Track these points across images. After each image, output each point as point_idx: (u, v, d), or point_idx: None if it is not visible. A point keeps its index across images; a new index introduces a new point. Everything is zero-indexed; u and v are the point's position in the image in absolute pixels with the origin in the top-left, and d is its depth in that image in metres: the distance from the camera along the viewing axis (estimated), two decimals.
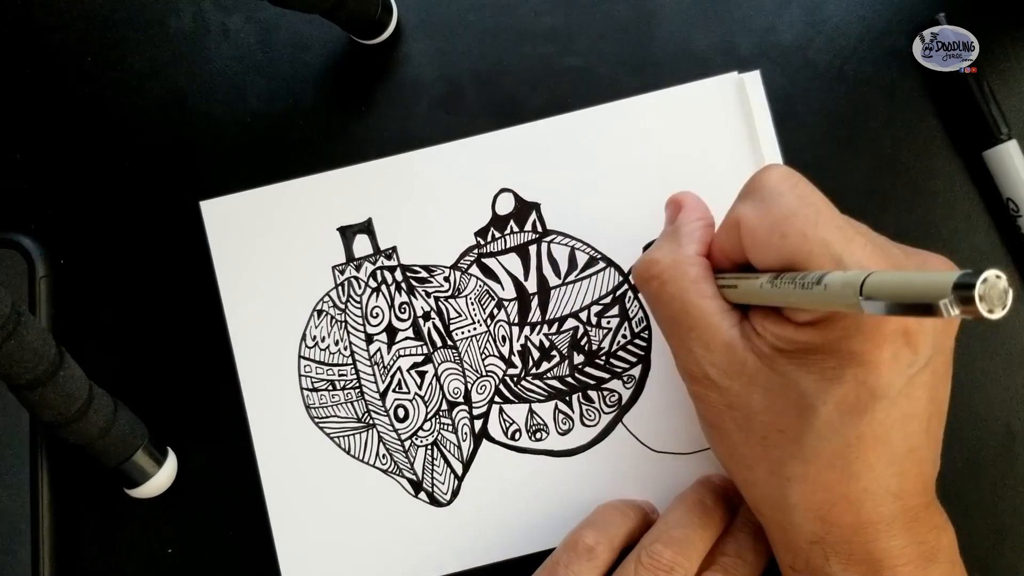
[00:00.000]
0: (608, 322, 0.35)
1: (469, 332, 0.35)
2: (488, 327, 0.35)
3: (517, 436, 0.35)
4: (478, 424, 0.35)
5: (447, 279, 0.35)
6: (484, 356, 0.35)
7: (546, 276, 0.35)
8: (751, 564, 0.30)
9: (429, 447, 0.35)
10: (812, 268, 0.24)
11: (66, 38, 0.38)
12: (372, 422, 0.35)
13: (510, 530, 0.34)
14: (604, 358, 0.35)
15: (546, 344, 0.35)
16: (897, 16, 0.36)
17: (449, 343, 0.35)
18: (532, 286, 0.35)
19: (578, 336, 0.35)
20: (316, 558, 0.34)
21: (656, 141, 0.35)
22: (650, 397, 0.34)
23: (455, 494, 0.34)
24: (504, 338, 0.35)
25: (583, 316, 0.35)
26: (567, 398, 0.35)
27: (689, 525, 0.30)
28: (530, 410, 0.35)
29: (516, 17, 0.37)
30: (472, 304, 0.35)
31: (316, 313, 0.35)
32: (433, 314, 0.35)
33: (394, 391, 0.35)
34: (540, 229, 0.35)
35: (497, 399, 0.35)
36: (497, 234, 0.35)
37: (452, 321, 0.35)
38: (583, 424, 0.34)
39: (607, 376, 0.35)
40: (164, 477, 0.34)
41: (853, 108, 0.36)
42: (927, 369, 0.25)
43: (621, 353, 0.35)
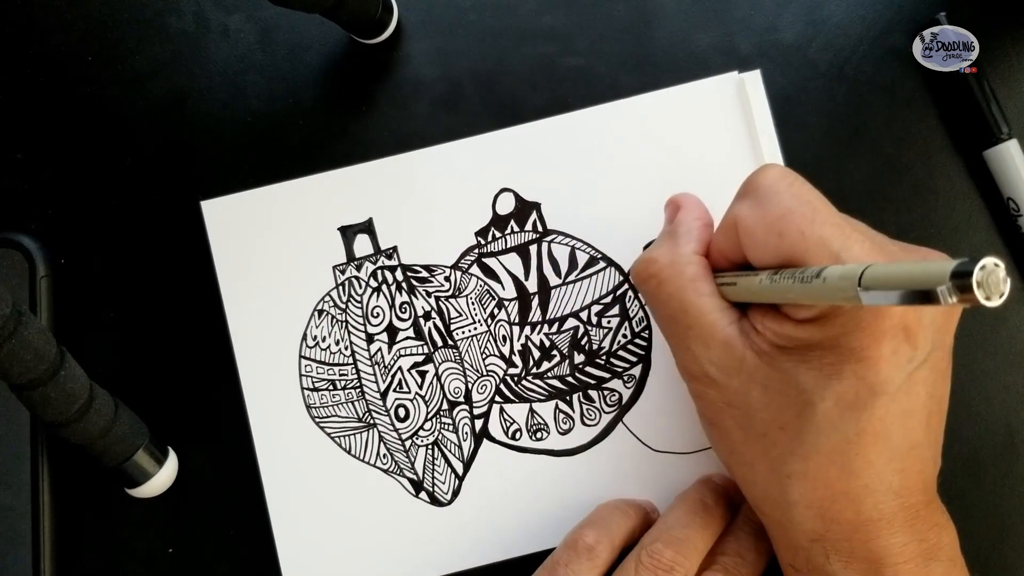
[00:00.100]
0: (608, 322, 0.35)
1: (470, 332, 0.35)
2: (489, 327, 0.35)
3: (518, 436, 0.35)
4: (479, 424, 0.35)
5: (448, 279, 0.35)
6: (485, 356, 0.35)
7: (546, 276, 0.35)
8: (752, 563, 0.30)
9: (430, 447, 0.35)
10: (810, 265, 0.24)
11: (66, 38, 0.38)
12: (373, 422, 0.35)
13: (511, 530, 0.34)
14: (605, 358, 0.35)
15: (547, 344, 0.35)
16: (897, 16, 0.36)
17: (450, 343, 0.35)
18: (533, 286, 0.35)
19: (578, 336, 0.35)
20: (316, 558, 0.34)
21: (656, 141, 0.35)
22: (651, 397, 0.34)
23: (456, 494, 0.34)
24: (505, 338, 0.35)
25: (583, 316, 0.35)
26: (568, 398, 0.35)
27: (690, 525, 0.30)
28: (531, 410, 0.35)
29: (516, 17, 0.37)
30: (473, 304, 0.35)
31: (317, 313, 0.35)
32: (434, 314, 0.35)
33: (395, 391, 0.35)
34: (540, 229, 0.35)
35: (498, 399, 0.35)
36: (498, 234, 0.35)
37: (453, 321, 0.35)
38: (584, 424, 0.34)
39: (608, 376, 0.35)
40: (164, 477, 0.34)
41: (853, 108, 0.36)
42: (926, 365, 0.25)
43: (622, 353, 0.35)
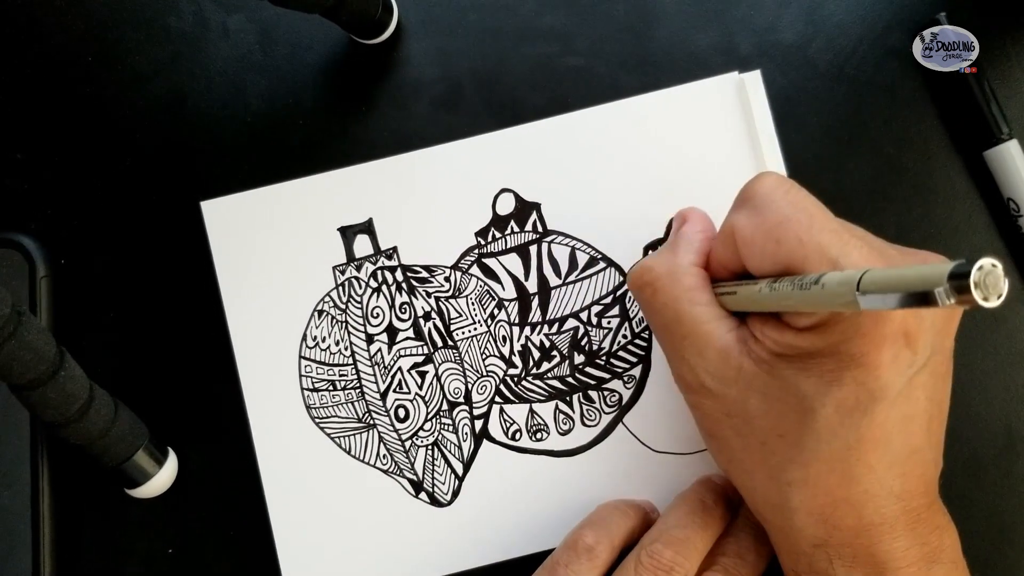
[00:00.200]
0: (608, 322, 0.35)
1: (470, 332, 0.35)
2: (488, 327, 0.35)
3: (518, 436, 0.35)
4: (479, 424, 0.35)
5: (448, 279, 0.35)
6: (484, 356, 0.35)
7: (546, 276, 0.35)
8: (751, 564, 0.30)
9: (430, 447, 0.35)
10: (809, 272, 0.24)
11: (66, 38, 0.38)
12: (372, 422, 0.35)
13: (510, 530, 0.34)
14: (604, 358, 0.35)
15: (546, 344, 0.35)
16: (897, 16, 0.36)
17: (450, 343, 0.35)
18: (532, 286, 0.35)
19: (578, 336, 0.35)
20: (316, 558, 0.34)
21: (656, 141, 0.35)
22: (650, 397, 0.34)
23: (455, 494, 0.34)
24: (504, 338, 0.35)
25: (583, 316, 0.35)
26: (567, 398, 0.35)
27: (689, 525, 0.30)
28: (531, 410, 0.35)
29: (516, 17, 0.37)
30: (472, 304, 0.35)
31: (317, 313, 0.35)
32: (434, 314, 0.35)
33: (395, 391, 0.35)
34: (540, 229, 0.35)
35: (497, 399, 0.35)
36: (498, 234, 0.35)
37: (452, 321, 0.35)
38: (583, 424, 0.34)
39: (607, 376, 0.35)
40: (164, 477, 0.34)
41: (853, 108, 0.36)
42: (926, 369, 0.25)
43: (621, 353, 0.35)
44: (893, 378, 0.24)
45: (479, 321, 0.35)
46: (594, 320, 0.35)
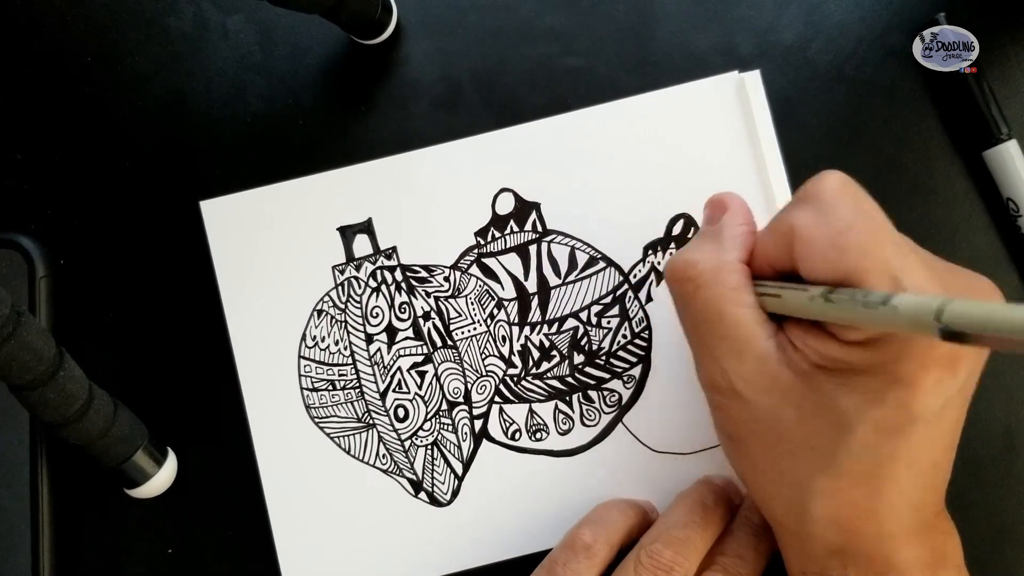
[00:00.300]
0: (608, 322, 0.35)
1: (469, 332, 0.35)
2: (488, 327, 0.35)
3: (517, 436, 0.35)
4: (478, 424, 0.35)
5: (447, 279, 0.35)
6: (484, 356, 0.35)
7: (546, 276, 0.35)
8: (751, 564, 0.30)
9: (429, 447, 0.35)
10: (867, 286, 0.23)
11: (66, 38, 0.38)
12: (372, 422, 0.35)
13: (510, 530, 0.34)
14: (604, 358, 0.35)
15: (546, 344, 0.35)
16: (897, 16, 0.36)
17: (449, 343, 0.35)
18: (532, 286, 0.35)
19: (578, 336, 0.35)
20: (316, 558, 0.34)
21: (656, 141, 0.35)
22: (650, 397, 0.34)
23: (455, 494, 0.34)
24: (504, 338, 0.35)
25: (583, 316, 0.35)
26: (567, 398, 0.35)
27: (689, 525, 0.30)
28: (530, 410, 0.35)
29: (516, 17, 0.37)
30: (472, 304, 0.35)
31: (316, 313, 0.35)
32: (433, 314, 0.35)
33: (394, 391, 0.35)
34: (540, 229, 0.35)
35: (497, 399, 0.35)
36: (497, 234, 0.35)
37: (452, 321, 0.35)
38: (583, 424, 0.34)
39: (607, 376, 0.35)
40: (164, 477, 0.34)
41: (853, 108, 0.36)
42: (960, 392, 0.24)
43: (621, 353, 0.35)
44: (934, 401, 0.23)
45: (478, 321, 0.35)
46: (594, 320, 0.35)
